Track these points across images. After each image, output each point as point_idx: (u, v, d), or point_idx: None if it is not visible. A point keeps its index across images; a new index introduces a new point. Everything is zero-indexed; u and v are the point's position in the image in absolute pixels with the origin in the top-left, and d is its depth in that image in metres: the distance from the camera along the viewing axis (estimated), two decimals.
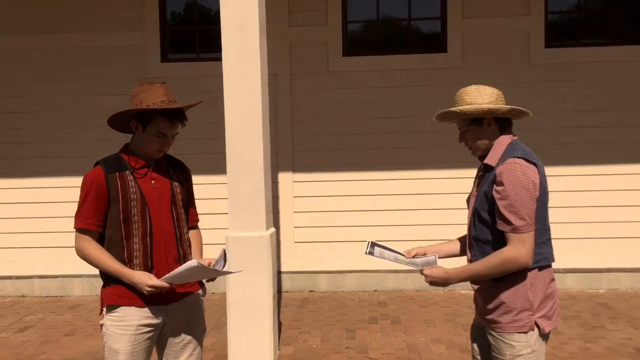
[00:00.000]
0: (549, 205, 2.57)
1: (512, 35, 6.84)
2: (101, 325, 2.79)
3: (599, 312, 5.99)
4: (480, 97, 2.57)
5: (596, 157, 6.76)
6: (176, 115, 2.75)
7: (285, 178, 6.98)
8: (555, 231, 2.66)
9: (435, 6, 6.98)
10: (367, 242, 2.79)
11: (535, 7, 6.82)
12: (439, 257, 2.80)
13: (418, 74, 6.88)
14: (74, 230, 2.75)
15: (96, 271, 2.79)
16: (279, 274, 6.82)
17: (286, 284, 7.03)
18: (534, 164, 2.47)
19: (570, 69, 6.80)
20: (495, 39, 6.84)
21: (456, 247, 2.87)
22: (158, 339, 2.83)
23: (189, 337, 2.85)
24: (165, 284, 2.64)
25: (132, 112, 2.74)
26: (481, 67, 6.74)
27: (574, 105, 6.79)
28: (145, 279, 2.63)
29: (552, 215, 2.58)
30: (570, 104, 6.79)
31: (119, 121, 2.82)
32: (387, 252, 2.77)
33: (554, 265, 2.64)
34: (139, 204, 2.72)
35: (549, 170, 2.61)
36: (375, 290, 6.95)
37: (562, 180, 6.62)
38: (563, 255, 6.57)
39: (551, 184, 2.58)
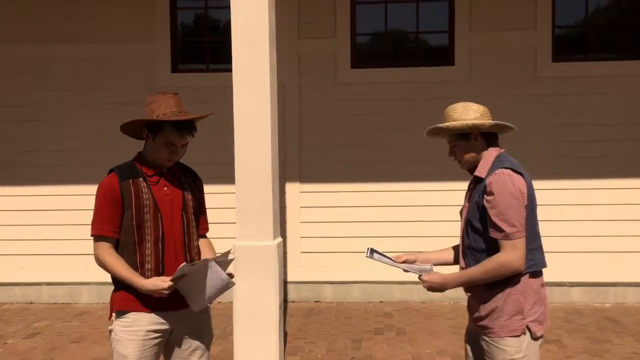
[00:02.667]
0: (553, 218, 2.63)
1: (519, 49, 6.88)
2: (110, 331, 2.83)
3: (604, 326, 5.98)
4: (467, 113, 2.70)
5: (602, 170, 6.76)
6: (185, 127, 2.79)
7: (292, 188, 7.03)
8: (561, 245, 2.73)
9: (443, 19, 7.04)
10: (366, 249, 2.88)
11: (542, 21, 6.86)
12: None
13: (425, 86, 6.92)
14: (91, 237, 2.78)
15: (104, 278, 2.83)
16: (285, 284, 6.84)
17: (292, 294, 7.05)
18: (521, 174, 2.59)
19: (577, 83, 6.82)
20: (503, 53, 6.88)
21: (449, 255, 2.96)
22: (166, 345, 2.87)
23: (196, 344, 2.88)
24: (172, 279, 2.66)
25: (143, 121, 2.80)
26: (488, 81, 6.78)
27: (582, 119, 6.80)
28: (160, 284, 2.66)
29: (558, 228, 2.62)
30: (577, 118, 6.80)
31: (132, 128, 2.88)
32: (384, 258, 2.85)
33: (560, 278, 2.70)
34: (152, 210, 2.77)
35: (554, 184, 2.67)
36: (381, 301, 6.96)
37: (569, 194, 6.61)
38: (569, 269, 6.62)
39: (557, 197, 2.63)
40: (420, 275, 2.74)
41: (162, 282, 2.67)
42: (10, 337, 5.88)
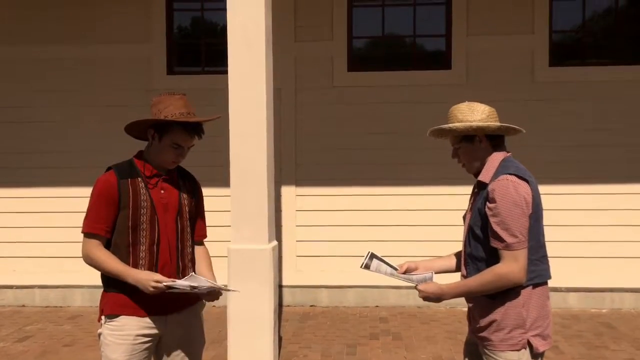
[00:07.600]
0: (550, 223, 2.56)
1: (516, 54, 6.87)
2: (99, 335, 2.78)
3: (601, 332, 5.95)
4: (472, 114, 2.58)
5: (599, 175, 6.75)
6: (194, 128, 2.77)
7: (288, 192, 6.99)
8: (558, 250, 2.67)
9: (440, 23, 7.02)
10: (366, 253, 2.77)
11: (540, 25, 6.85)
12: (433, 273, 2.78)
13: (422, 90, 6.90)
14: (82, 234, 2.72)
15: (97, 282, 2.78)
16: (280, 287, 6.80)
17: (287, 298, 7.01)
18: (526, 181, 2.46)
19: (574, 88, 6.81)
20: (500, 57, 6.87)
21: (451, 262, 2.86)
22: (156, 350, 2.82)
23: (187, 349, 2.83)
24: (169, 282, 2.60)
25: (151, 121, 2.75)
26: (485, 85, 6.76)
27: (578, 124, 6.78)
28: (151, 275, 2.61)
29: (555, 233, 2.57)
30: (574, 123, 6.79)
31: (135, 128, 2.83)
32: (383, 266, 2.74)
33: (557, 284, 2.62)
34: (149, 212, 2.72)
35: (551, 189, 2.62)
36: (377, 306, 6.92)
37: (565, 199, 6.60)
38: (565, 274, 6.59)
39: (553, 202, 2.58)
40: (416, 285, 2.63)
41: (154, 275, 2.60)
42: (1, 341, 5.82)
